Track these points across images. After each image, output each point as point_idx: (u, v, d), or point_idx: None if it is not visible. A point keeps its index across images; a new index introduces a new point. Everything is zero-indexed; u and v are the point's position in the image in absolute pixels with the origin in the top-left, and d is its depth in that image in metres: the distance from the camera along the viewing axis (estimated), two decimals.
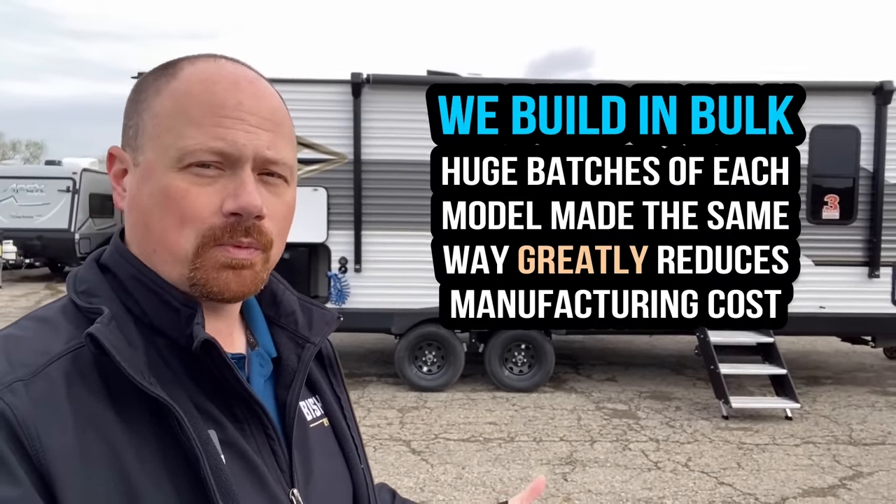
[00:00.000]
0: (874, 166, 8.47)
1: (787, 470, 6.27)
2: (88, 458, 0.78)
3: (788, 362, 10.30)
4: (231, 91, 0.91)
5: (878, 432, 7.34)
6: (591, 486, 5.84)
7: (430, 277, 8.94)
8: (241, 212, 0.89)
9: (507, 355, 8.88)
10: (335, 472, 1.08)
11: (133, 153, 0.93)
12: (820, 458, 6.58)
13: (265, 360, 1.04)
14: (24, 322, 0.90)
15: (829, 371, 10.15)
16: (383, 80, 8.53)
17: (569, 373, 9.84)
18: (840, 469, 6.30)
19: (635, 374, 9.85)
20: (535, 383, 8.79)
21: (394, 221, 8.64)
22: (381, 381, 9.06)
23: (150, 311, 0.91)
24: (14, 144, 63.61)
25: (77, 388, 0.81)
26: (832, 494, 5.72)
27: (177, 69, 0.94)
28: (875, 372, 10.11)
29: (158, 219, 0.90)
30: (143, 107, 0.93)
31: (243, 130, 0.90)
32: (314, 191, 8.22)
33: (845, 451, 6.73)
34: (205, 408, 0.90)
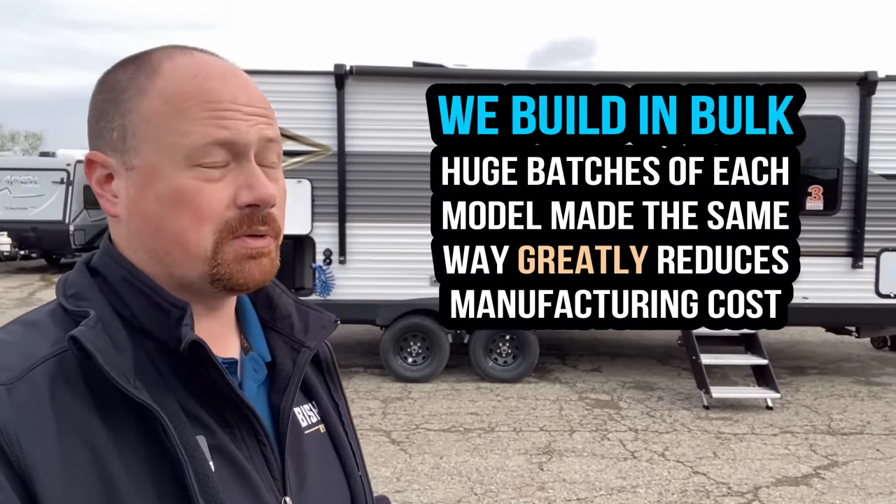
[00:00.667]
0: (858, 157, 8.53)
1: (762, 459, 6.35)
2: (71, 463, 0.77)
3: (775, 353, 10.42)
4: (223, 85, 0.91)
5: (857, 422, 7.47)
6: (566, 475, 5.89)
7: (414, 269, 8.95)
8: (259, 202, 0.90)
9: (491, 346, 8.91)
10: (331, 480, 1.06)
11: (121, 156, 0.91)
12: (797, 447, 6.67)
13: (259, 365, 1.03)
14: (11, 326, 0.88)
15: (815, 361, 10.30)
16: (367, 71, 8.49)
17: (555, 363, 9.90)
18: (816, 458, 6.39)
19: (621, 365, 9.92)
20: (519, 374, 8.83)
21: (378, 213, 8.62)
22: (367, 372, 9.07)
23: (139, 314, 0.90)
24: (13, 135, 63.19)
25: (61, 392, 0.80)
26: (805, 483, 5.82)
27: (154, 65, 0.92)
28: (861, 362, 10.26)
29: (173, 220, 0.89)
30: (126, 108, 0.91)
31: (243, 120, 0.90)
32: (298, 183, 8.17)
33: (822, 441, 6.84)
34: (194, 412, 0.88)
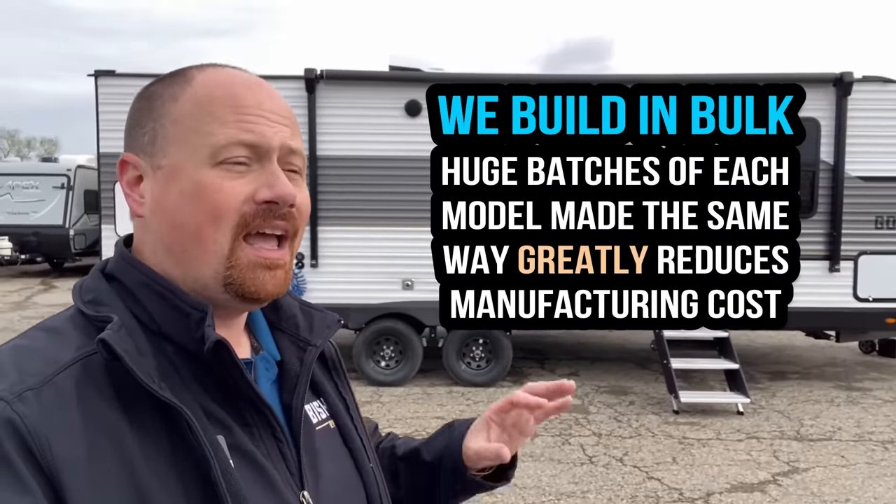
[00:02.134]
0: (834, 159, 8.51)
1: (721, 465, 6.32)
2: (98, 465, 0.79)
3: (760, 357, 10.52)
4: (250, 92, 0.95)
5: (827, 428, 7.43)
6: (519, 480, 5.88)
7: (385, 273, 8.92)
8: (278, 200, 0.93)
9: (464, 350, 8.89)
10: (344, 474, 1.09)
11: (150, 158, 0.94)
12: (760, 453, 6.64)
13: (270, 364, 1.06)
14: (32, 332, 0.90)
15: (798, 366, 10.29)
16: (337, 75, 8.49)
17: (533, 367, 9.93)
18: (777, 465, 6.36)
19: (599, 369, 9.94)
20: (492, 378, 8.84)
21: (350, 217, 8.59)
22: None
23: (158, 317, 0.91)
24: (29, 141, 63.27)
25: (87, 395, 0.82)
26: (760, 490, 5.79)
27: (188, 77, 0.96)
28: (846, 367, 10.26)
29: (192, 214, 0.91)
30: (159, 113, 0.94)
31: (268, 125, 0.93)
32: None
33: (787, 447, 6.81)
34: (213, 412, 0.90)
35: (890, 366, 10.30)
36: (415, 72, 8.74)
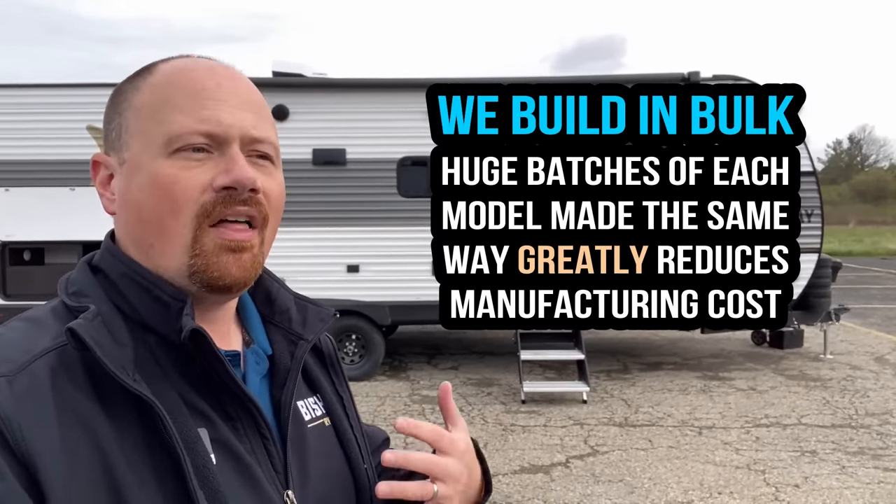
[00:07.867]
0: None
1: (525, 449, 6.35)
2: (73, 452, 0.78)
3: (647, 349, 10.58)
4: (209, 75, 0.92)
5: (658, 415, 7.41)
6: None
7: (331, 272, 8.97)
8: (236, 185, 0.90)
9: (339, 345, 9.23)
10: (335, 473, 1.06)
11: (117, 154, 0.93)
12: (571, 438, 6.66)
13: (261, 358, 1.03)
14: (13, 322, 0.89)
15: (679, 357, 10.19)
16: None
17: (419, 362, 10.12)
18: (580, 449, 6.38)
19: (483, 364, 10.02)
20: (365, 372, 9.19)
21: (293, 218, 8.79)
22: None
23: (140, 308, 0.90)
24: None
25: (62, 383, 0.81)
26: (544, 472, 5.84)
27: (153, 69, 0.95)
28: (725, 358, 10.10)
29: (152, 209, 0.89)
30: (123, 106, 0.93)
31: (227, 112, 0.91)
32: None
33: (604, 432, 6.81)
34: (195, 405, 0.89)
35: (771, 356, 10.18)
36: (296, 77, 8.88)
